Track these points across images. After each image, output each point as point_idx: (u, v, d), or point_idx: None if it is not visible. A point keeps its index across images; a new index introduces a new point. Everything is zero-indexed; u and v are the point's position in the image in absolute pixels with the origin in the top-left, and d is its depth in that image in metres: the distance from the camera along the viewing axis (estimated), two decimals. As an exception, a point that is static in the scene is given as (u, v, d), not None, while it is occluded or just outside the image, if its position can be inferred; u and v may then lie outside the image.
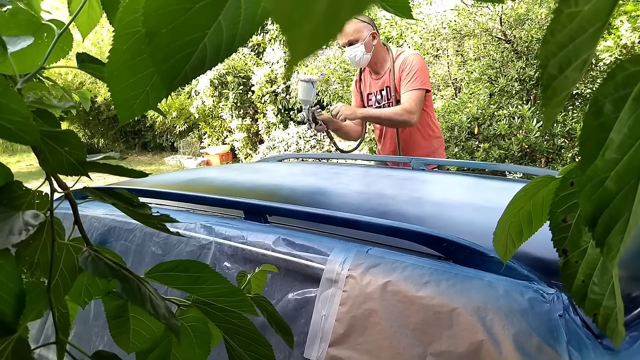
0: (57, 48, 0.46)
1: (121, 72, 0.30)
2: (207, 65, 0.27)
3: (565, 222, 0.37)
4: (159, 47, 0.26)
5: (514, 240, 0.46)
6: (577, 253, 0.37)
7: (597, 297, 0.37)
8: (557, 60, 0.26)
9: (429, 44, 5.51)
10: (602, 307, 0.38)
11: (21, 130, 0.31)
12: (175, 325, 0.36)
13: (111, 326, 0.46)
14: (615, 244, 0.28)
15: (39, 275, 0.37)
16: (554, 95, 0.27)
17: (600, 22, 0.25)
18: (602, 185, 0.27)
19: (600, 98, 0.26)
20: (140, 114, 0.32)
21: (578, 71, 0.26)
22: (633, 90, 0.25)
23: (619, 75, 0.25)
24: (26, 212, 0.33)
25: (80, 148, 0.35)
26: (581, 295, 0.38)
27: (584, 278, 0.37)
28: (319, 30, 0.15)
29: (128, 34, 0.29)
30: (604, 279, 0.37)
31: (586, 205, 0.28)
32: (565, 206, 0.36)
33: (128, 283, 0.35)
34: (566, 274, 0.38)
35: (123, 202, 0.40)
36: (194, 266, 0.43)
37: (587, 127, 0.26)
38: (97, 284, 0.48)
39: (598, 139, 0.26)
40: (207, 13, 0.25)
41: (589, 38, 0.25)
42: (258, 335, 0.45)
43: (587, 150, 0.27)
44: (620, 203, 0.27)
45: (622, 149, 0.26)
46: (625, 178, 0.26)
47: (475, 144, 4.12)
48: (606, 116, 0.26)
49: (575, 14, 0.24)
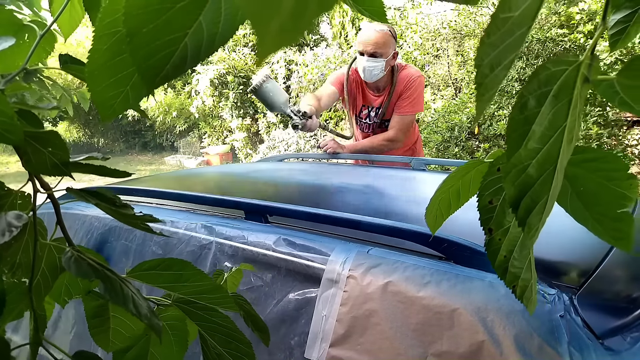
0: (39, 48, 0.46)
1: (101, 72, 0.30)
2: (188, 65, 0.27)
3: (491, 204, 0.40)
4: (140, 46, 0.26)
5: (442, 212, 0.51)
6: (500, 231, 0.41)
7: (517, 270, 0.41)
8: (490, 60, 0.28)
9: (429, 44, 5.50)
10: (521, 279, 0.41)
11: (6, 130, 0.31)
12: (157, 324, 0.36)
13: (90, 325, 0.46)
14: (534, 223, 0.31)
15: (20, 276, 0.37)
16: (486, 91, 0.29)
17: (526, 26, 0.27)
18: (525, 172, 0.30)
19: (525, 94, 0.29)
20: (121, 113, 0.32)
21: (506, 70, 0.29)
22: (553, 88, 0.28)
23: (542, 74, 0.28)
24: (9, 213, 0.33)
25: (63, 149, 0.35)
26: (503, 269, 0.41)
27: (505, 254, 0.41)
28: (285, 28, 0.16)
29: (108, 34, 0.29)
30: (522, 254, 0.41)
31: (510, 190, 0.31)
32: (492, 189, 0.40)
33: (110, 283, 0.35)
34: (491, 250, 0.41)
35: (105, 202, 0.40)
36: (176, 264, 0.43)
37: (514, 120, 0.29)
38: (78, 284, 0.48)
39: (522, 130, 0.29)
40: (187, 13, 0.25)
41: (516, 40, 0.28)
42: (238, 334, 0.45)
43: (512, 140, 0.30)
44: (540, 187, 0.30)
45: (543, 140, 0.29)
46: (545, 166, 0.30)
47: (475, 144, 4.12)
48: (530, 110, 0.29)
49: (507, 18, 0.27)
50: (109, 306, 0.47)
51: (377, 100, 2.09)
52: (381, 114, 2.10)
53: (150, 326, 0.36)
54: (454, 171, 0.47)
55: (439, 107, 4.83)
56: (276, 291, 0.81)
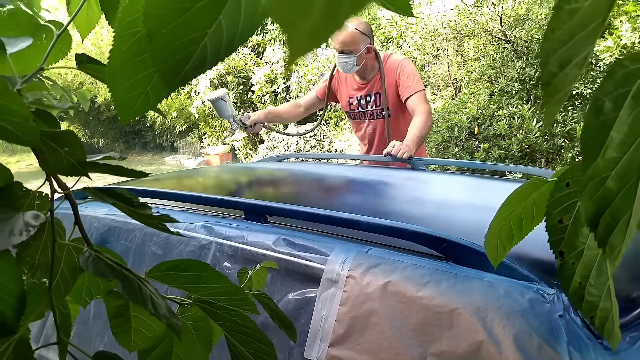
0: (55, 49, 0.46)
1: (122, 73, 0.30)
2: (207, 65, 0.27)
3: (561, 223, 0.36)
4: (160, 46, 0.26)
5: (504, 243, 0.46)
6: (574, 254, 0.37)
7: (594, 299, 0.37)
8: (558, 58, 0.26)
9: (429, 44, 5.50)
10: (599, 309, 0.37)
11: (21, 131, 0.31)
12: (176, 324, 0.36)
13: (113, 325, 0.46)
14: (617, 243, 0.28)
15: (40, 276, 0.37)
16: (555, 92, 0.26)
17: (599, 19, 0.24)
18: (604, 185, 0.27)
19: (600, 96, 0.26)
20: (142, 114, 0.32)
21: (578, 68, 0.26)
22: (632, 88, 0.25)
23: (618, 73, 0.25)
24: (26, 213, 0.33)
25: (80, 148, 0.35)
26: (578, 297, 0.37)
27: (580, 280, 0.37)
28: (318, 28, 0.16)
29: (128, 34, 0.29)
30: (600, 280, 0.37)
31: (588, 205, 0.27)
32: (562, 207, 0.36)
33: (129, 283, 0.35)
34: (563, 275, 0.37)
35: (123, 202, 0.40)
36: (195, 265, 0.43)
37: (588, 126, 0.26)
38: (98, 284, 0.48)
39: (599, 137, 0.26)
40: (207, 12, 0.25)
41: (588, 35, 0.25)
42: (259, 333, 0.45)
43: (588, 149, 0.26)
44: (621, 202, 0.27)
45: (623, 148, 0.26)
46: (626, 177, 0.26)
47: (475, 144, 4.12)
48: (606, 115, 0.26)
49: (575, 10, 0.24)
50: (130, 306, 0.47)
51: (365, 89, 2.17)
52: (374, 102, 2.15)
53: (169, 326, 0.36)
54: (512, 194, 0.42)
55: (439, 107, 4.83)
56: (276, 291, 0.81)
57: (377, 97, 2.15)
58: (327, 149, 6.30)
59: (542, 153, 3.80)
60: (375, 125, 2.21)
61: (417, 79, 2.05)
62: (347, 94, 2.24)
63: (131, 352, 0.47)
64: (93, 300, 0.49)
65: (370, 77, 2.14)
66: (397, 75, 2.07)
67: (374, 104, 2.16)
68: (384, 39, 5.71)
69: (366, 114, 2.21)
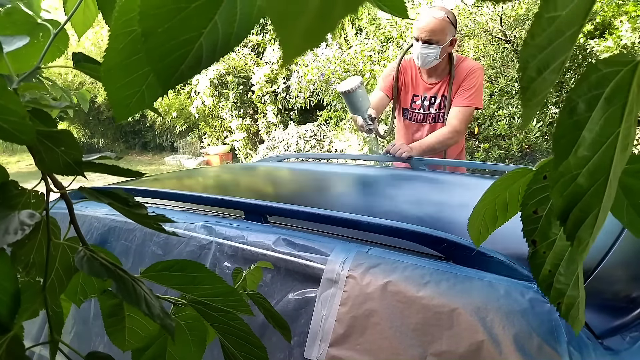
0: (52, 48, 0.45)
1: (117, 71, 0.30)
2: (203, 65, 0.27)
3: (536, 214, 0.38)
4: (155, 46, 0.26)
5: (487, 225, 0.47)
6: (545, 244, 0.38)
7: (562, 286, 0.39)
8: (536, 63, 0.26)
9: (429, 44, 5.49)
10: (566, 297, 0.39)
11: (17, 130, 0.31)
12: (170, 325, 0.36)
13: (107, 324, 0.46)
14: (585, 237, 0.29)
15: (35, 275, 0.37)
16: (533, 96, 0.27)
17: (576, 26, 0.25)
18: (574, 182, 0.28)
19: (574, 97, 0.27)
20: (136, 112, 0.32)
21: (555, 73, 0.27)
22: (605, 91, 0.26)
23: (592, 76, 0.26)
24: (22, 212, 0.33)
25: (76, 148, 0.35)
26: (547, 284, 0.39)
27: (550, 268, 0.38)
28: (311, 29, 0.16)
29: (124, 33, 0.29)
30: (569, 269, 0.38)
31: (558, 200, 0.29)
32: (537, 199, 0.37)
33: (123, 283, 0.35)
34: (534, 263, 0.39)
35: (119, 202, 0.40)
36: (190, 266, 0.43)
37: (561, 124, 0.27)
38: (93, 283, 0.48)
39: (571, 136, 0.27)
40: (203, 12, 0.25)
41: (566, 41, 0.26)
42: (252, 337, 0.45)
43: (560, 147, 0.28)
44: (590, 199, 0.28)
45: (594, 147, 0.27)
46: (596, 175, 0.27)
47: (475, 144, 4.11)
48: (579, 115, 0.27)
49: (554, 18, 0.25)
50: (125, 306, 0.47)
51: (432, 89, 2.01)
52: (438, 105, 2.00)
53: (163, 326, 0.36)
54: (498, 180, 0.43)
55: (439, 107, 4.82)
56: (276, 291, 0.81)
57: (442, 99, 1.99)
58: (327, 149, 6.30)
59: (542, 153, 3.80)
60: (433, 129, 2.03)
61: (476, 94, 1.91)
62: (412, 92, 2.05)
63: (125, 352, 0.47)
64: (93, 300, 0.49)
65: (439, 78, 1.99)
66: (464, 78, 1.93)
67: (438, 107, 2.01)
68: (384, 39, 5.70)
69: (427, 116, 2.05)
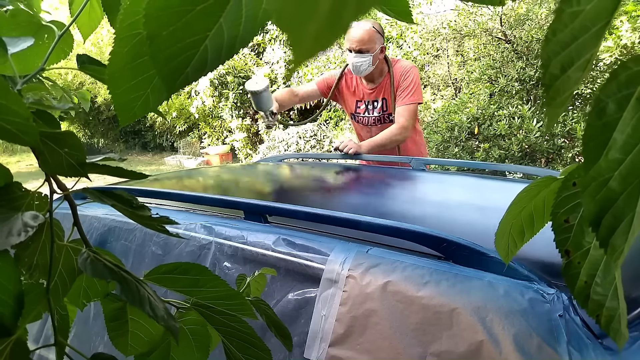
0: (57, 49, 0.46)
1: (122, 75, 0.30)
2: (208, 67, 0.27)
3: (567, 223, 0.36)
4: (160, 49, 0.25)
5: (515, 241, 0.45)
6: (579, 254, 0.36)
7: (600, 298, 0.37)
8: (560, 60, 0.25)
9: (429, 44, 5.50)
10: (605, 308, 0.37)
11: (21, 131, 0.31)
12: (174, 327, 0.36)
13: (109, 328, 0.46)
14: (619, 244, 0.28)
15: (38, 277, 0.37)
16: (557, 95, 0.26)
17: (603, 21, 0.24)
18: (606, 186, 0.26)
19: (603, 98, 0.25)
20: (141, 116, 0.32)
21: (581, 71, 0.26)
22: (636, 90, 0.25)
23: (622, 75, 0.25)
24: (25, 214, 0.33)
25: (80, 149, 0.35)
26: (584, 296, 0.37)
27: (586, 279, 0.36)
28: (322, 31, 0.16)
29: (129, 36, 0.29)
30: (607, 279, 0.36)
31: (590, 206, 0.27)
32: (568, 206, 0.36)
33: (127, 285, 0.35)
34: (569, 275, 0.37)
35: (122, 204, 0.40)
36: (194, 269, 0.43)
37: (591, 127, 0.26)
38: (96, 286, 0.47)
39: (601, 139, 0.26)
40: (208, 15, 0.25)
41: (591, 37, 0.25)
42: (256, 340, 0.45)
43: (590, 150, 0.26)
44: (624, 203, 0.27)
45: (626, 149, 0.26)
46: (629, 178, 0.26)
47: (475, 144, 4.11)
48: (609, 116, 0.25)
49: (577, 13, 0.24)
50: (128, 309, 0.46)
51: (372, 94, 2.15)
52: (381, 107, 2.14)
53: (167, 328, 0.36)
54: (522, 192, 0.42)
55: (439, 107, 4.83)
56: (275, 291, 0.81)
57: (384, 102, 2.13)
58: (327, 149, 6.30)
59: (542, 153, 3.80)
60: (382, 129, 2.16)
61: (414, 91, 2.05)
62: (355, 98, 2.21)
63: (127, 357, 0.47)
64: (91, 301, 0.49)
65: (378, 82, 2.12)
66: (400, 79, 2.06)
67: (381, 109, 2.15)
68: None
69: (373, 119, 2.19)
